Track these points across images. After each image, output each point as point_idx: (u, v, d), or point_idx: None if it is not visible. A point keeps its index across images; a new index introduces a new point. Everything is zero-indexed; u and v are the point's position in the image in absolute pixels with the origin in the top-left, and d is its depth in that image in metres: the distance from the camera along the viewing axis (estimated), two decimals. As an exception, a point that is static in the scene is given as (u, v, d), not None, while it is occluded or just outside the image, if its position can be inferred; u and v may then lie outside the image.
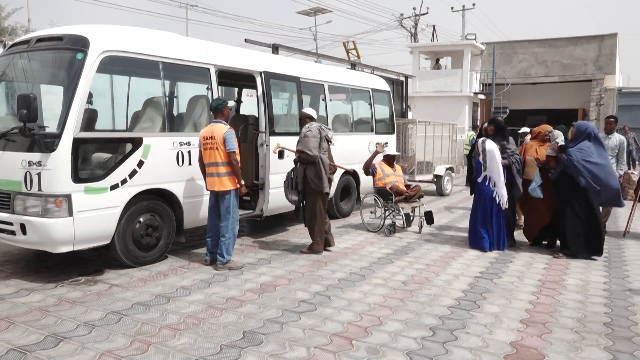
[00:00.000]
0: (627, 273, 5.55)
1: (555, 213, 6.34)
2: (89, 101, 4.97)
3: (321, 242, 6.25)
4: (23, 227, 4.78)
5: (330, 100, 8.42)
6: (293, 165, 6.32)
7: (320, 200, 6.18)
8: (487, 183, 6.39)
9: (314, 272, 5.41)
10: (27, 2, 22.61)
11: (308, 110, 6.52)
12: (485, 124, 7.32)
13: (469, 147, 12.65)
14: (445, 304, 4.44)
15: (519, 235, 7.06)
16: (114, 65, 5.33)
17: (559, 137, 6.64)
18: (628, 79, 36.03)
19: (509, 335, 3.79)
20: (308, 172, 6.11)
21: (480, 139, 6.54)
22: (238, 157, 5.47)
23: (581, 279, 5.27)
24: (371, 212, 8.19)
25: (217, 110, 5.54)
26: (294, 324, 3.93)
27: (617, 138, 7.79)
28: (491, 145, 6.37)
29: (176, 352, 3.42)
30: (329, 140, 6.26)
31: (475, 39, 25.37)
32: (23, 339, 3.60)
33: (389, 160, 7.88)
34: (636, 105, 20.16)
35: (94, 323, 3.90)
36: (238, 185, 5.52)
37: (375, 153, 7.73)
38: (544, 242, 6.77)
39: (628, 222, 7.73)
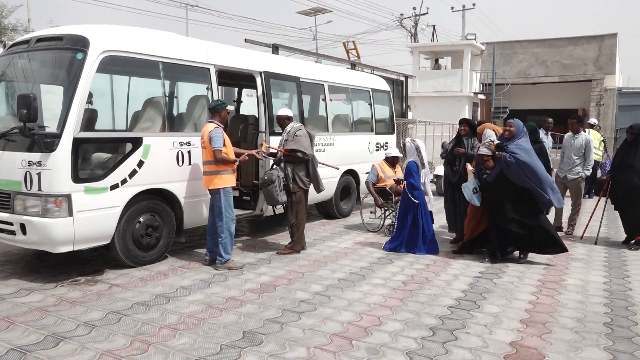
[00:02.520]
0: (627, 273, 5.55)
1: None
2: (89, 101, 4.96)
3: (301, 241, 6.30)
4: (23, 227, 4.78)
5: (330, 100, 8.42)
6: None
7: (303, 199, 6.23)
8: (422, 181, 6.40)
9: (314, 272, 5.41)
10: (27, 2, 22.62)
11: (285, 111, 6.42)
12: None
13: None
14: (445, 304, 4.44)
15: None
16: (114, 65, 5.33)
17: (492, 136, 6.13)
18: (628, 79, 35.95)
19: (509, 335, 3.79)
20: (297, 171, 6.11)
21: (408, 139, 6.50)
22: (225, 155, 5.40)
23: (581, 279, 5.26)
24: (371, 212, 8.18)
25: (215, 111, 5.56)
26: (294, 324, 3.93)
27: (583, 137, 7.52)
28: (420, 142, 6.53)
29: (176, 352, 3.42)
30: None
31: (475, 39, 25.38)
32: (23, 339, 3.60)
33: (392, 161, 7.88)
34: (636, 105, 20.11)
35: (94, 323, 3.90)
36: (245, 157, 5.68)
37: None
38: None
39: (587, 224, 7.42)
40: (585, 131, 8.05)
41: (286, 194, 6.11)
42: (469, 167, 6.47)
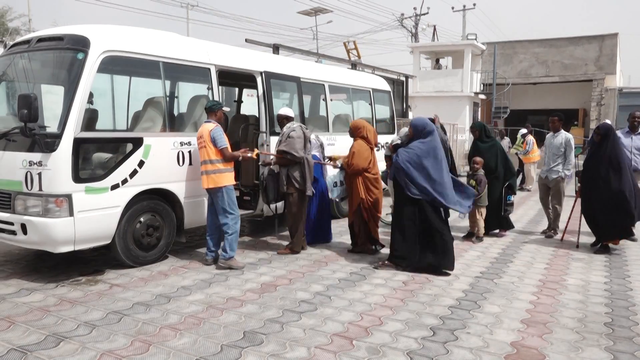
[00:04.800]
0: (628, 273, 5.55)
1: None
2: (90, 101, 4.97)
3: (300, 241, 6.29)
4: (24, 227, 4.78)
5: (331, 100, 8.42)
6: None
7: (302, 200, 6.19)
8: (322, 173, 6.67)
9: (314, 272, 5.41)
10: (28, 2, 22.66)
11: (285, 110, 6.38)
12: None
13: (519, 148, 12.54)
14: (446, 304, 4.44)
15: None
16: (114, 65, 5.33)
17: (395, 137, 5.97)
18: (629, 79, 35.96)
19: (509, 335, 3.79)
20: (292, 172, 6.08)
21: (313, 135, 6.68)
22: (229, 150, 5.54)
23: (582, 279, 5.26)
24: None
25: (211, 110, 5.59)
26: (295, 324, 3.93)
27: (562, 136, 7.30)
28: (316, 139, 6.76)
29: (177, 352, 3.43)
30: (309, 141, 6.24)
31: (475, 39, 25.40)
32: (24, 339, 3.61)
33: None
34: (636, 105, 20.12)
35: (95, 323, 3.91)
36: (253, 154, 5.78)
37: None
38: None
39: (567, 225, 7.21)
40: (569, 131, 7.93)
41: (283, 195, 6.11)
42: (336, 161, 6.59)
